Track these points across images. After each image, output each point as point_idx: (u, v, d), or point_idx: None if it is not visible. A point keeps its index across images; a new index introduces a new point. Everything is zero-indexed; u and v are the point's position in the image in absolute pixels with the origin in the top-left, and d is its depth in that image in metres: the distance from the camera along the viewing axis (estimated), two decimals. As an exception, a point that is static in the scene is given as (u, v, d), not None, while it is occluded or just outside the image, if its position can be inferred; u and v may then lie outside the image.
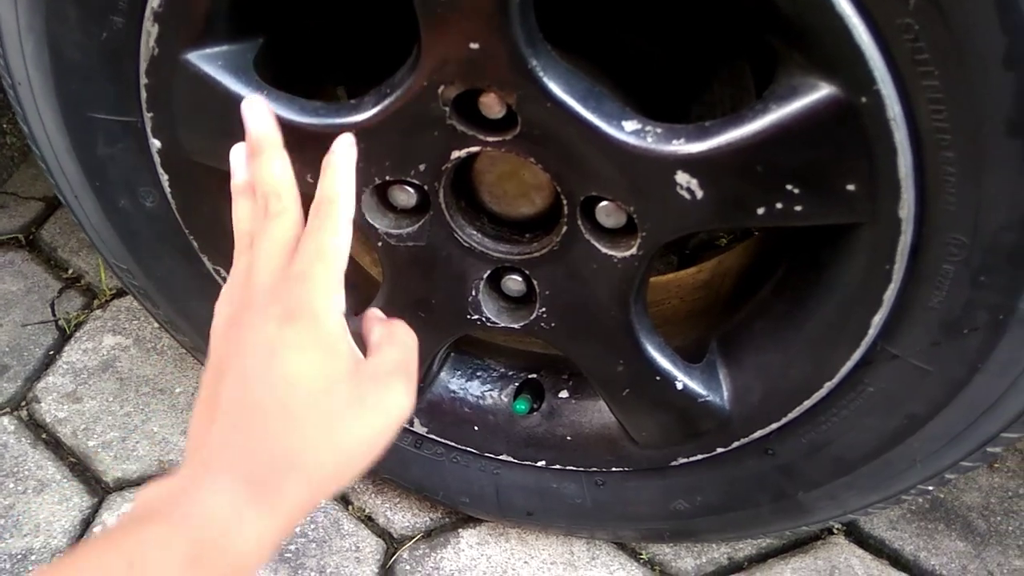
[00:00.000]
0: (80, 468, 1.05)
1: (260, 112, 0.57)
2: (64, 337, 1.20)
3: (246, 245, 0.56)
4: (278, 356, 0.47)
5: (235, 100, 0.64)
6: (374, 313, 0.59)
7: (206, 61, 0.64)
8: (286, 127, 0.65)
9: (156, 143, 0.70)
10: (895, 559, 0.96)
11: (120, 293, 1.26)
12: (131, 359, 1.17)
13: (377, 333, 0.55)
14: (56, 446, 1.07)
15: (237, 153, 0.58)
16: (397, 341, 0.54)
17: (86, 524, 0.99)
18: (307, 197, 0.54)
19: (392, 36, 0.70)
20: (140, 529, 0.40)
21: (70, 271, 1.30)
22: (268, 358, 0.47)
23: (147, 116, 0.69)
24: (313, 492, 0.45)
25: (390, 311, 0.78)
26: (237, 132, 0.66)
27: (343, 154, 0.56)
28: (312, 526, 0.98)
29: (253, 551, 0.41)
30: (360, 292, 0.86)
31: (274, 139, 0.56)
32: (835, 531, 0.98)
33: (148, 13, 0.62)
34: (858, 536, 0.98)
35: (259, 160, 0.55)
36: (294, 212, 0.53)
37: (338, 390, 0.47)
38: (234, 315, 0.51)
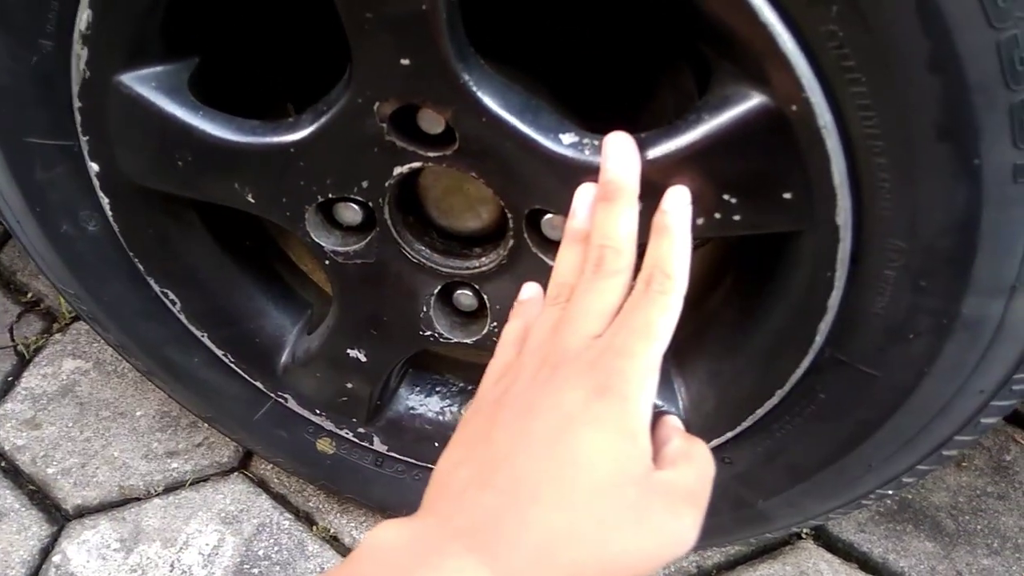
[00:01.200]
0: (39, 496, 1.03)
1: (626, 154, 0.51)
2: (23, 362, 1.18)
3: (558, 296, 0.51)
4: (574, 430, 0.42)
5: (170, 121, 0.64)
6: (673, 421, 0.51)
7: (139, 82, 0.63)
8: (224, 147, 0.64)
9: (94, 166, 0.69)
10: (864, 562, 0.96)
11: (79, 316, 1.24)
12: (91, 383, 1.15)
13: (676, 445, 0.47)
14: (15, 474, 1.05)
15: (584, 195, 0.52)
16: (697, 462, 0.47)
17: (45, 553, 0.97)
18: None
19: (332, 51, 0.69)
20: None
21: (29, 295, 1.28)
22: (562, 427, 0.42)
23: (83, 139, 0.67)
24: None
25: (341, 329, 0.78)
26: (174, 153, 0.66)
27: (680, 217, 0.50)
28: (276, 548, 0.97)
29: None
30: (315, 310, 0.85)
31: (632, 189, 0.50)
32: (803, 536, 0.98)
33: (76, 36, 0.61)
34: (827, 540, 0.97)
35: (609, 208, 0.50)
36: (627, 276, 0.48)
37: (626, 492, 0.41)
38: (526, 365, 0.47)
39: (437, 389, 0.88)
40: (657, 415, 0.48)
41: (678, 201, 0.51)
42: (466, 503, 0.41)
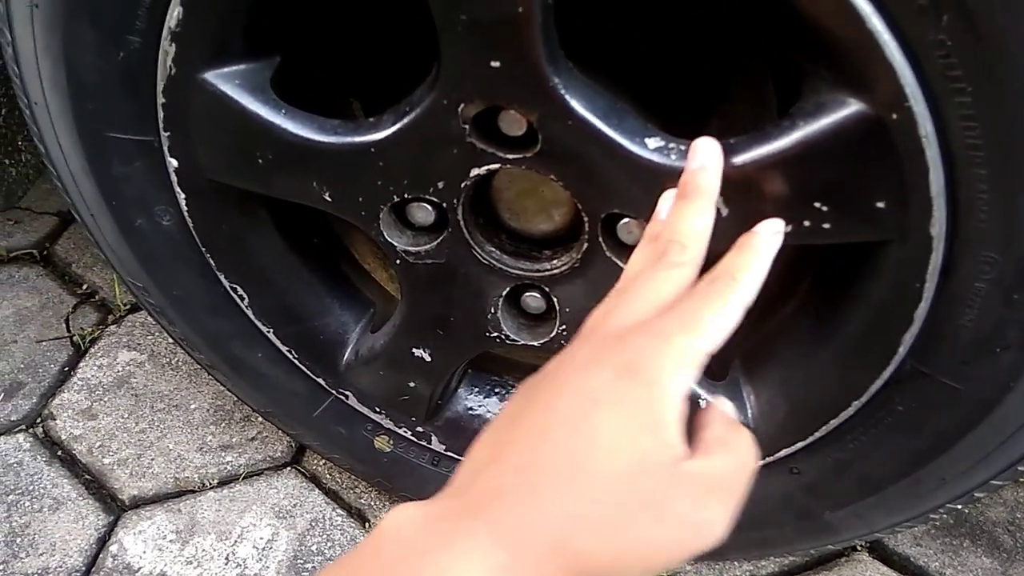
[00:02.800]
0: (95, 486, 1.04)
1: (711, 157, 0.50)
2: (79, 353, 1.20)
3: (620, 287, 0.49)
4: (598, 408, 0.40)
5: (252, 119, 0.64)
6: (722, 405, 0.47)
7: (223, 80, 0.64)
8: (305, 146, 0.65)
9: (173, 162, 0.70)
10: (920, 576, 0.94)
11: (135, 308, 1.26)
12: (146, 375, 1.16)
13: (714, 432, 0.43)
14: (71, 463, 1.07)
15: (668, 199, 0.51)
16: (735, 452, 0.43)
17: (102, 543, 0.98)
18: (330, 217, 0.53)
19: (411, 51, 0.69)
20: (375, 565, 0.36)
21: (84, 286, 1.30)
22: (587, 406, 0.40)
23: (164, 135, 0.68)
24: None
25: (407, 328, 0.78)
26: (254, 150, 0.66)
27: (769, 243, 0.49)
28: (329, 543, 0.98)
29: None
30: (377, 309, 0.86)
31: (711, 191, 0.49)
32: (859, 548, 0.97)
33: (165, 33, 0.61)
34: (882, 553, 0.96)
35: (684, 205, 0.49)
36: (690, 271, 0.46)
37: (649, 477, 0.38)
38: (572, 348, 0.45)
39: (496, 390, 0.88)
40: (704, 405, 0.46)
41: (772, 228, 0.50)
42: (481, 480, 0.39)
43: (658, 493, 0.38)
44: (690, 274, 0.46)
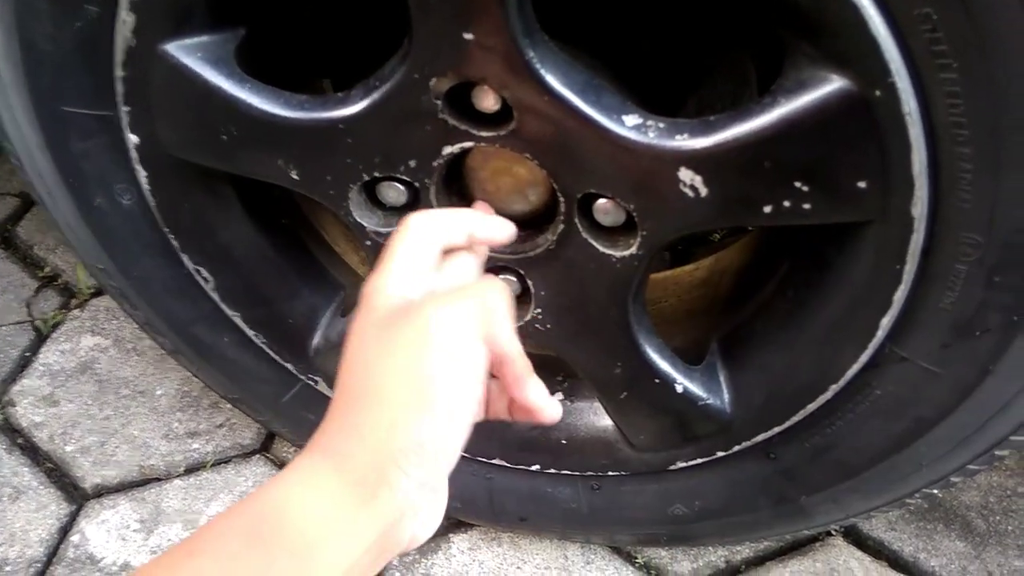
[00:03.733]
0: (57, 474, 1.01)
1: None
2: (40, 338, 1.16)
3: None
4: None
5: (215, 93, 0.62)
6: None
7: (185, 52, 0.61)
8: (270, 121, 0.62)
9: (133, 138, 0.67)
10: (894, 560, 0.94)
11: (99, 292, 1.22)
12: (110, 360, 1.13)
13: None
14: (32, 451, 1.03)
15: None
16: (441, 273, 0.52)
17: (63, 532, 0.95)
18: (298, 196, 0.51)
19: (381, 26, 0.67)
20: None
21: (47, 269, 1.26)
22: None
23: (123, 110, 0.65)
24: (376, 439, 0.42)
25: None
26: (218, 126, 0.64)
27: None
28: (299, 532, 0.95)
29: (311, 508, 0.41)
30: (348, 292, 0.83)
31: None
32: (833, 533, 0.96)
33: (124, 2, 0.59)
34: (857, 538, 0.96)
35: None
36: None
37: (368, 335, 0.46)
38: None
39: (470, 375, 0.86)
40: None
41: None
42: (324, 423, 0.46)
43: (377, 335, 0.46)
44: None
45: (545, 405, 0.49)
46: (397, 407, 0.43)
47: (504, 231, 0.56)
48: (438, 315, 0.45)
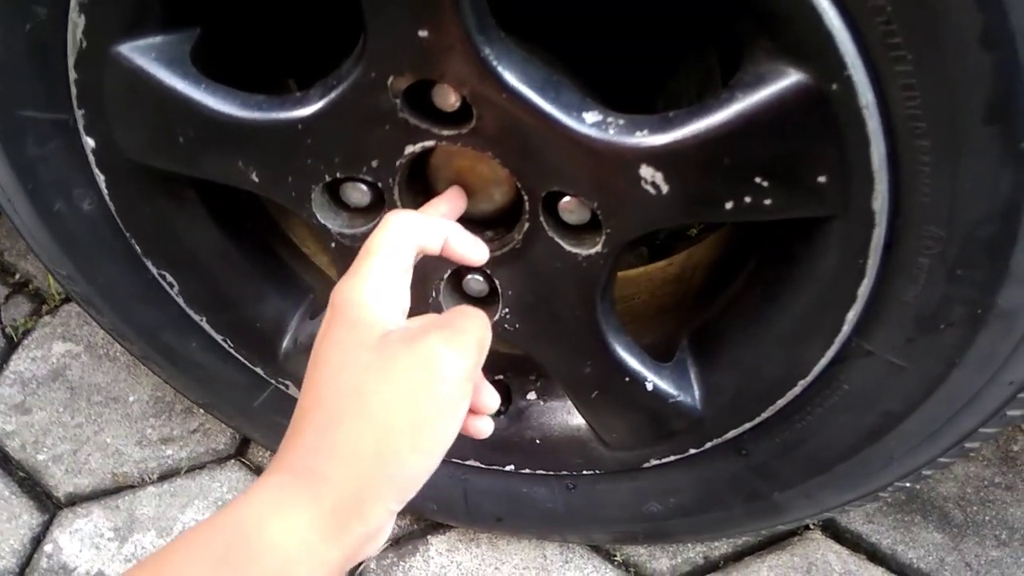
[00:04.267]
0: (30, 483, 1.00)
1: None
2: (11, 345, 1.15)
3: None
4: (316, 349, 0.46)
5: (170, 94, 0.61)
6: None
7: (139, 53, 0.60)
8: (227, 123, 0.61)
9: (90, 142, 0.66)
10: (872, 553, 0.94)
11: (70, 298, 1.21)
12: (82, 367, 1.12)
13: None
14: (4, 461, 1.02)
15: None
16: (447, 312, 0.49)
17: (36, 542, 0.94)
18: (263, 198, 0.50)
19: (342, 22, 0.66)
20: (187, 533, 0.40)
21: (17, 275, 1.24)
22: (312, 355, 0.47)
23: (79, 113, 0.64)
24: (361, 469, 0.41)
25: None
26: (175, 128, 0.63)
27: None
28: (274, 537, 0.95)
29: (281, 538, 0.40)
30: (317, 295, 0.82)
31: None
32: (812, 527, 0.96)
33: (73, 3, 0.58)
34: (835, 531, 0.96)
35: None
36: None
37: (362, 359, 0.44)
38: None
39: (442, 376, 0.86)
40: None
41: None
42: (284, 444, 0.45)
43: (376, 359, 0.43)
44: None
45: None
46: (389, 437, 0.42)
47: (478, 253, 0.55)
48: (446, 354, 0.44)
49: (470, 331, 0.46)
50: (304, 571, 0.40)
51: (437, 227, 0.52)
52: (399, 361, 0.43)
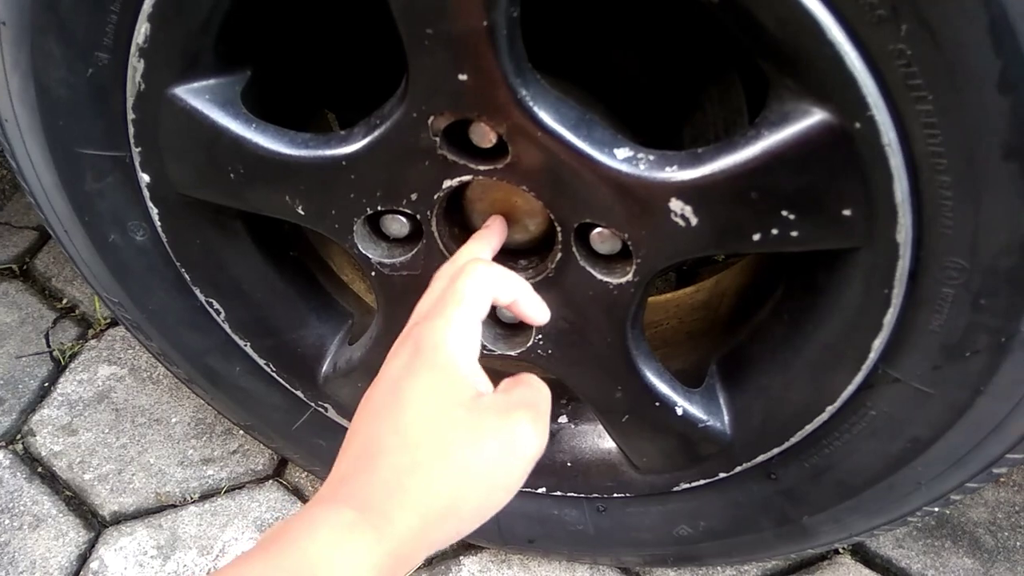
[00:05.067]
0: (76, 502, 1.03)
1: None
2: (59, 368, 1.19)
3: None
4: (400, 385, 0.47)
5: (223, 133, 0.64)
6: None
7: (193, 95, 0.64)
8: (276, 160, 0.65)
9: (145, 177, 0.70)
10: (902, 578, 0.95)
11: (115, 322, 1.25)
12: (127, 389, 1.16)
13: (506, 381, 0.51)
14: (52, 480, 1.06)
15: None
16: (525, 381, 0.50)
17: (83, 560, 0.97)
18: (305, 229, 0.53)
19: (382, 63, 0.69)
20: (243, 563, 0.40)
21: (64, 300, 1.29)
22: (393, 389, 0.47)
23: (135, 151, 0.68)
24: (426, 520, 0.42)
25: (385, 340, 0.78)
26: (226, 165, 0.66)
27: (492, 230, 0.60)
28: (311, 556, 0.97)
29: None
30: (355, 320, 0.85)
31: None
32: (841, 551, 0.97)
33: (134, 49, 0.61)
34: (864, 556, 0.97)
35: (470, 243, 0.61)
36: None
37: (455, 415, 0.45)
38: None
39: (476, 400, 0.88)
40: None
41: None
42: (334, 474, 0.46)
43: (470, 419, 0.45)
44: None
45: None
46: (461, 498, 0.43)
47: (542, 315, 0.57)
48: (531, 437, 0.46)
49: (547, 411, 0.48)
50: None
51: (513, 285, 0.54)
52: (488, 428, 0.45)
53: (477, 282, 0.52)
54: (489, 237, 0.64)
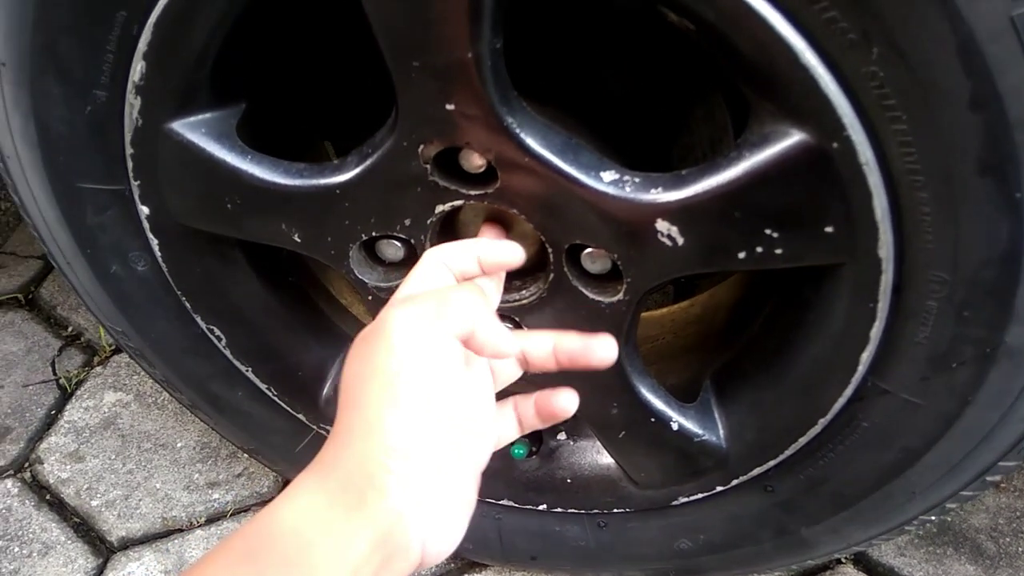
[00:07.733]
0: (84, 529, 1.05)
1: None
2: (65, 396, 1.20)
3: None
4: (360, 359, 0.49)
5: (219, 165, 0.66)
6: None
7: (189, 129, 0.65)
8: (272, 190, 0.66)
9: (144, 209, 0.71)
10: (905, 586, 0.95)
11: (120, 349, 1.26)
12: (132, 415, 1.17)
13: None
14: (60, 507, 1.07)
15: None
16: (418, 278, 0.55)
17: (91, 586, 0.98)
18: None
19: (376, 92, 0.70)
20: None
21: (70, 328, 1.31)
22: (357, 364, 0.49)
23: (134, 184, 0.69)
24: (354, 450, 0.44)
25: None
26: (223, 196, 0.67)
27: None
28: (317, 578, 0.98)
29: (293, 522, 0.42)
30: (354, 343, 0.86)
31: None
32: (843, 560, 0.97)
33: (130, 87, 0.63)
34: (867, 564, 0.97)
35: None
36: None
37: (351, 351, 0.49)
38: None
39: (476, 419, 0.89)
40: None
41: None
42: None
43: (360, 355, 0.48)
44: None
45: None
46: (372, 409, 0.45)
47: (512, 253, 0.57)
48: (397, 316, 0.48)
49: (429, 294, 0.51)
50: (329, 549, 0.41)
51: (464, 247, 0.57)
52: (369, 341, 0.48)
53: (423, 262, 0.55)
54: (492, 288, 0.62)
